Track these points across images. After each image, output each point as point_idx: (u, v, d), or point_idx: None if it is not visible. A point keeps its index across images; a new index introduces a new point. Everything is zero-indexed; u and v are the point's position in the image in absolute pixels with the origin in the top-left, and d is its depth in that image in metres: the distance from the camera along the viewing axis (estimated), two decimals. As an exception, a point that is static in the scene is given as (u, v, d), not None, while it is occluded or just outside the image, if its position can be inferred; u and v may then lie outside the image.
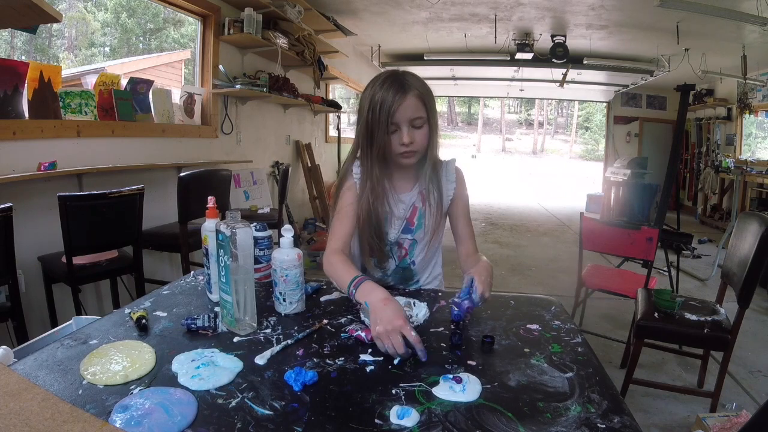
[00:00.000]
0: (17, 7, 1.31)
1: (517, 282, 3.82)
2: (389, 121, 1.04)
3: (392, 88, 1.03)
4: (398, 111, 1.04)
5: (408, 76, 1.07)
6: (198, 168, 2.64)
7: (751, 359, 2.43)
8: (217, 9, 3.22)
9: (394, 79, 1.05)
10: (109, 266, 2.08)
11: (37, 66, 2.18)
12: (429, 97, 1.08)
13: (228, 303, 0.93)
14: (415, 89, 1.05)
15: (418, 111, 1.06)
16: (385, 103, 1.03)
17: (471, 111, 30.14)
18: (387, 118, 1.04)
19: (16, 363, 0.80)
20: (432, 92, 1.11)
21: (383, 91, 1.04)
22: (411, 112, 1.05)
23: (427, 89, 1.08)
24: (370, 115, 1.05)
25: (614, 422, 0.67)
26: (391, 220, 1.18)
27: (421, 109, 1.06)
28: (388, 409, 0.69)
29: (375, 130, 1.06)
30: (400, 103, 1.03)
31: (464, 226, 1.21)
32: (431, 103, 1.09)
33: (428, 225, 1.19)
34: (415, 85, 1.06)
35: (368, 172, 1.12)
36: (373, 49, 6.21)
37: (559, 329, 0.99)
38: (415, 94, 1.05)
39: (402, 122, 1.05)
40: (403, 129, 1.06)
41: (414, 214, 1.19)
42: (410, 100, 1.04)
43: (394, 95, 1.03)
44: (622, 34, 5.07)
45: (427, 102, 1.07)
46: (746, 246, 1.73)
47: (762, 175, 5.39)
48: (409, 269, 1.24)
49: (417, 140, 1.08)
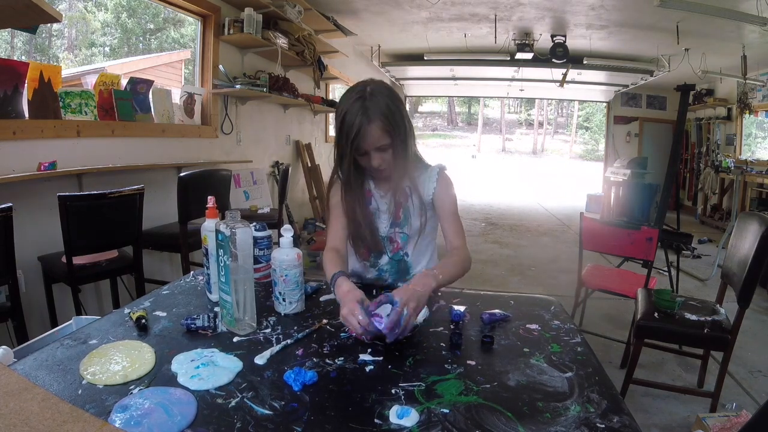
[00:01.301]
0: (17, 7, 1.31)
1: (517, 282, 3.82)
2: (356, 151, 1.09)
3: (358, 113, 1.05)
4: (363, 141, 1.07)
5: (374, 97, 1.06)
6: (198, 168, 2.64)
7: (751, 359, 2.43)
8: (217, 9, 3.22)
9: (361, 103, 1.05)
10: (109, 266, 2.08)
11: (37, 66, 2.18)
12: (395, 117, 1.08)
13: (228, 303, 0.93)
14: (378, 115, 1.05)
15: (381, 139, 1.08)
16: (351, 132, 1.05)
17: (471, 111, 30.15)
18: (352, 148, 1.08)
19: (16, 363, 0.80)
20: (399, 106, 1.11)
21: (350, 116, 1.05)
22: (375, 140, 1.08)
23: (392, 109, 1.08)
24: (339, 137, 1.10)
25: (614, 422, 0.67)
26: (379, 215, 1.24)
27: (385, 137, 1.08)
28: (388, 409, 0.69)
29: (344, 154, 1.10)
30: (364, 132, 1.06)
31: (450, 225, 1.22)
32: (397, 121, 1.09)
33: (413, 220, 1.24)
34: (378, 109, 1.05)
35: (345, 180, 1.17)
36: (373, 49, 6.20)
37: (559, 329, 0.99)
38: (378, 125, 1.06)
39: (369, 149, 1.09)
40: (372, 154, 1.10)
41: (399, 208, 1.23)
42: (373, 129, 1.06)
43: (360, 125, 1.05)
44: (622, 34, 5.06)
45: (392, 123, 1.08)
46: (746, 246, 1.73)
47: (762, 175, 5.39)
48: (403, 260, 1.27)
49: (386, 159, 1.12)
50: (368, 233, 1.22)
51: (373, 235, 1.23)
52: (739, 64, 5.13)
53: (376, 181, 1.24)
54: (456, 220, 1.23)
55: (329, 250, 1.18)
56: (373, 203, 1.25)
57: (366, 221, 1.21)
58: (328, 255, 1.16)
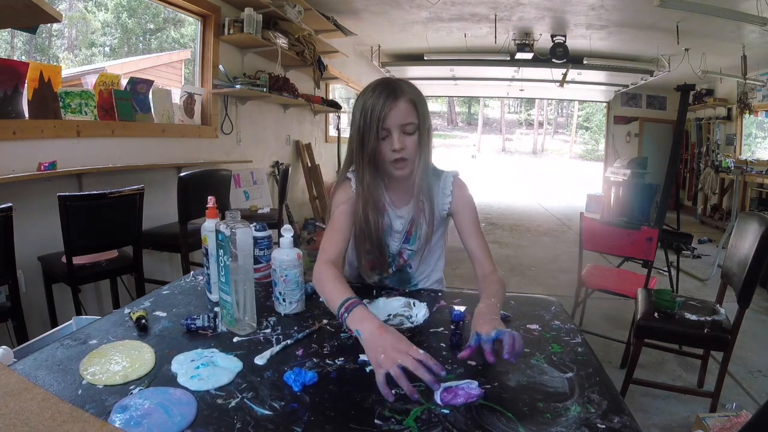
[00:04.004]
0: (17, 7, 1.31)
1: (517, 282, 3.82)
2: (380, 126, 1.03)
3: (384, 93, 1.03)
4: (389, 116, 1.03)
5: (401, 83, 1.07)
6: (198, 168, 2.63)
7: (751, 359, 2.43)
8: (217, 9, 3.22)
9: (386, 85, 1.05)
10: (109, 266, 2.08)
11: (37, 66, 2.18)
12: (421, 104, 1.07)
13: (228, 303, 0.93)
14: (407, 94, 1.04)
15: (409, 116, 1.05)
16: (376, 108, 1.02)
17: (471, 111, 30.14)
18: (378, 124, 1.03)
19: (16, 363, 0.80)
20: (425, 100, 1.10)
21: (374, 97, 1.03)
22: (402, 117, 1.04)
23: (419, 96, 1.07)
24: (362, 122, 1.05)
25: (614, 422, 0.67)
26: (392, 234, 1.19)
27: (413, 115, 1.05)
28: (388, 409, 0.69)
29: (366, 136, 1.05)
30: (391, 107, 1.02)
31: (474, 241, 1.13)
32: (423, 109, 1.08)
33: (421, 236, 1.18)
34: (407, 91, 1.05)
35: (360, 180, 1.11)
36: (373, 49, 6.20)
37: (559, 329, 0.99)
38: (406, 99, 1.04)
39: (393, 128, 1.04)
40: (394, 135, 1.04)
41: (413, 226, 1.18)
42: (401, 104, 1.03)
43: (386, 100, 1.02)
44: (622, 34, 5.06)
45: (419, 108, 1.06)
46: (746, 246, 1.73)
47: (762, 175, 5.39)
48: (405, 272, 1.24)
49: (408, 147, 1.06)
50: (376, 251, 1.15)
51: (382, 254, 1.17)
52: (739, 64, 5.13)
53: (392, 195, 1.17)
54: (480, 236, 1.14)
55: (327, 264, 1.01)
56: (387, 219, 1.17)
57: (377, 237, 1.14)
58: (329, 271, 0.98)
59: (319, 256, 1.05)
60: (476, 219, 1.17)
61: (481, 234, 1.16)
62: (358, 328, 0.82)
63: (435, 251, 1.24)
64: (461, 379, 0.76)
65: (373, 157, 1.07)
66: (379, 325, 0.81)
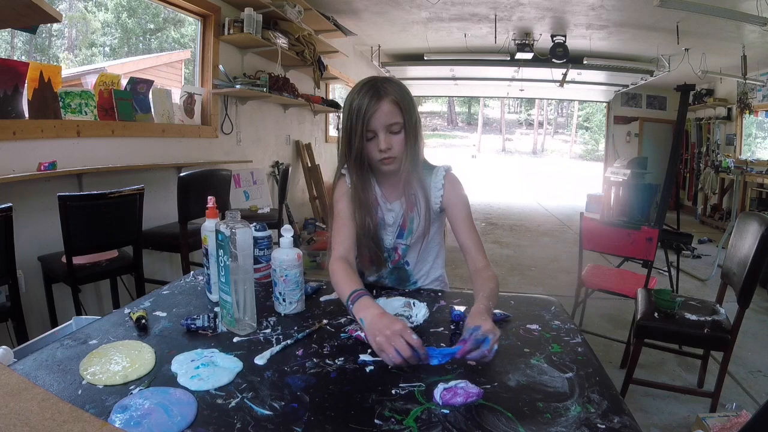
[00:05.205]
0: (17, 7, 1.30)
1: (517, 282, 3.82)
2: (365, 128, 1.05)
3: (368, 95, 1.04)
4: (374, 117, 1.04)
5: (385, 83, 1.07)
6: (198, 168, 2.64)
7: (751, 359, 2.43)
8: (217, 9, 3.22)
9: (371, 86, 1.05)
10: (109, 266, 2.08)
11: (37, 66, 2.18)
12: (406, 102, 1.07)
13: (228, 303, 0.93)
14: (391, 95, 1.05)
15: (393, 116, 1.05)
16: (361, 110, 1.03)
17: (471, 111, 30.15)
18: (363, 125, 1.04)
19: (16, 363, 0.80)
20: (410, 96, 1.10)
21: (359, 99, 1.04)
22: (386, 118, 1.05)
23: (403, 94, 1.07)
24: (348, 123, 1.06)
25: (614, 422, 0.67)
26: (385, 228, 1.20)
27: (397, 115, 1.06)
28: (388, 409, 0.69)
29: (353, 137, 1.06)
30: (375, 109, 1.03)
31: (466, 234, 1.14)
32: (409, 107, 1.08)
33: (416, 230, 1.18)
34: (390, 91, 1.05)
35: (351, 178, 1.14)
36: (373, 49, 6.20)
37: (559, 329, 0.99)
38: (390, 100, 1.04)
39: (378, 128, 1.05)
40: (380, 135, 1.06)
41: (406, 220, 1.19)
42: (385, 106, 1.04)
43: (369, 101, 1.03)
44: (622, 34, 5.06)
45: (403, 107, 1.06)
46: (746, 246, 1.73)
47: (762, 175, 5.39)
48: (403, 269, 1.24)
49: (394, 146, 1.07)
50: (372, 245, 1.17)
51: (378, 247, 1.19)
52: (739, 64, 5.13)
53: (384, 189, 1.19)
54: (472, 230, 1.15)
55: (338, 260, 1.05)
56: (380, 213, 1.19)
57: (372, 232, 1.16)
58: (339, 266, 1.03)
59: (333, 251, 1.10)
60: (469, 213, 1.17)
61: (473, 228, 1.16)
62: (362, 316, 0.87)
63: (432, 248, 1.25)
64: (461, 378, 0.76)
65: (359, 157, 1.09)
66: (380, 312, 0.86)
